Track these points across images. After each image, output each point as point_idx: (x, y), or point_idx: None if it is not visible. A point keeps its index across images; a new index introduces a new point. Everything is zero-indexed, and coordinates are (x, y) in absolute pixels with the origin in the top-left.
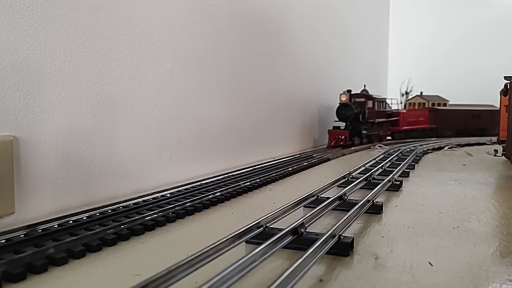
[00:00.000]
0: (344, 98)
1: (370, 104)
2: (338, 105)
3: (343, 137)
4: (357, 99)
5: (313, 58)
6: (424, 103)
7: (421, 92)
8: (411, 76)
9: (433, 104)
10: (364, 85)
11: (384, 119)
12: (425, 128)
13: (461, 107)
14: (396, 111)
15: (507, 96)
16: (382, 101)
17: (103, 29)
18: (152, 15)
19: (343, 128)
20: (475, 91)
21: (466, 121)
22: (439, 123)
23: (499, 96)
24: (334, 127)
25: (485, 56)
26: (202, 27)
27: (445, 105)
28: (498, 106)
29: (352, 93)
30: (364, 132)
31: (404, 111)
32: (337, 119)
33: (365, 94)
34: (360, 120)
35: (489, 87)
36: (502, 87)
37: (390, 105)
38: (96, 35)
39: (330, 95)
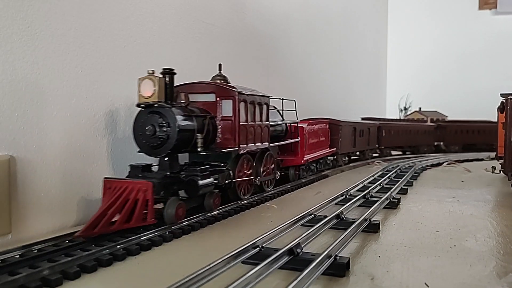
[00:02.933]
0: (148, 93)
1: (227, 108)
2: (139, 110)
3: (124, 206)
4: (195, 96)
5: (311, 75)
6: (422, 119)
7: (420, 108)
8: (410, 92)
9: (431, 121)
10: (220, 65)
11: (264, 145)
12: (325, 155)
13: (355, 122)
14: (294, 125)
15: (504, 113)
16: (263, 103)
17: (101, 49)
18: (151, 34)
19: (156, 167)
20: (474, 106)
21: (356, 140)
22: (337, 145)
23: (497, 112)
24: (132, 173)
25: (484, 71)
26: (200, 45)
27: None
28: (498, 121)
29: (182, 83)
30: (207, 182)
31: (305, 125)
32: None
33: (217, 85)
34: (199, 149)
35: (488, 102)
36: (499, 104)
37: (279, 114)
38: (94, 54)
39: (324, 111)
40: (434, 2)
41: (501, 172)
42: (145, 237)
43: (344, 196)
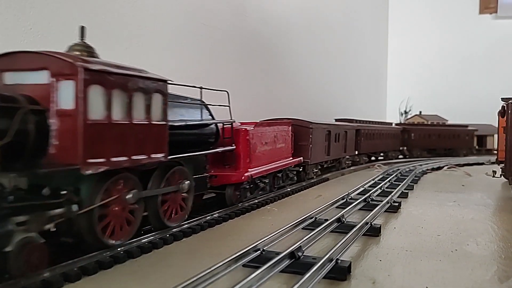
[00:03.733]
0: None
1: (66, 95)
2: None
3: None
4: (20, 76)
5: (311, 78)
6: (422, 123)
7: (420, 112)
8: (411, 95)
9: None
10: (82, 28)
11: (155, 158)
12: (285, 167)
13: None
14: (227, 126)
15: (505, 117)
16: (151, 91)
17: (103, 50)
18: (152, 36)
19: None
20: (475, 110)
21: (330, 146)
22: (306, 153)
23: (497, 117)
24: None
25: (484, 75)
26: (201, 47)
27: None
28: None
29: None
30: None
31: (252, 127)
32: None
33: (50, 55)
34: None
35: (489, 106)
36: (500, 109)
37: (209, 111)
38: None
39: (324, 113)
40: (434, 6)
41: (502, 176)
42: (146, 239)
43: (345, 199)
